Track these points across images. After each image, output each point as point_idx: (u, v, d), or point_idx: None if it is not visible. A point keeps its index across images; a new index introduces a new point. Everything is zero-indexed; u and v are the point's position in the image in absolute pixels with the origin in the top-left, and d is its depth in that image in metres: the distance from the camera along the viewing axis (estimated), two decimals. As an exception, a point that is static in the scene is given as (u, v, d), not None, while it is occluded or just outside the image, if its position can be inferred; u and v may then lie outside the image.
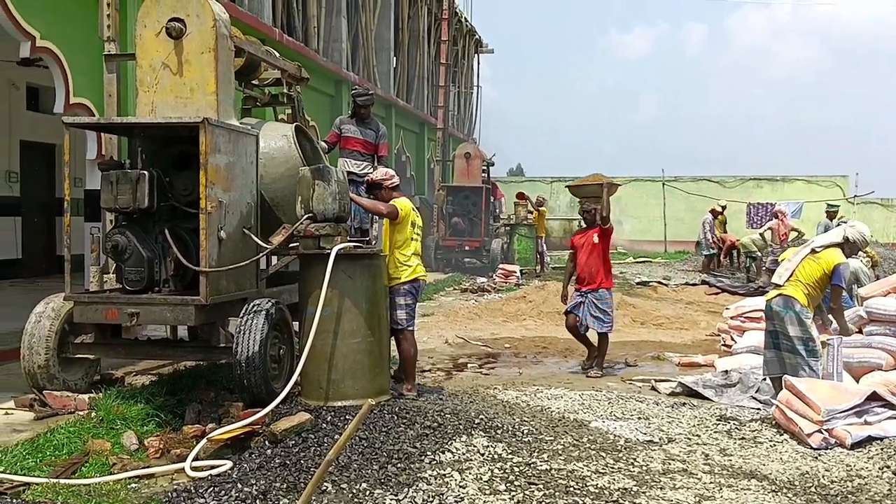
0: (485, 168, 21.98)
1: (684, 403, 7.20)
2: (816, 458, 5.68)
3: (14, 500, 4.54)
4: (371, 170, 8.70)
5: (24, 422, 6.14)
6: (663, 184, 33.03)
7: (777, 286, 7.06)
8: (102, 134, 8.97)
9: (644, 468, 5.28)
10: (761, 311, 9.74)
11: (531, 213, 21.33)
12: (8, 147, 14.49)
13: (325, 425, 5.62)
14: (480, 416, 5.97)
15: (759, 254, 18.95)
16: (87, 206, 9.74)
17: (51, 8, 8.84)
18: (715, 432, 6.29)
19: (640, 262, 26.76)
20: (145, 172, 6.21)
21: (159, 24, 6.36)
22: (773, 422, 6.46)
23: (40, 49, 8.69)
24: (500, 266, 19.05)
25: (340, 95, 18.21)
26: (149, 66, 6.45)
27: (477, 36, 33.68)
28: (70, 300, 6.39)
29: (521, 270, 19.08)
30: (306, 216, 6.50)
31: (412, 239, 6.98)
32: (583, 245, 8.85)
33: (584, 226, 9.27)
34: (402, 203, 7.01)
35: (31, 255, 15.18)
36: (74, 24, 9.19)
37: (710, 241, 20.25)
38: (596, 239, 8.76)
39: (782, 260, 7.34)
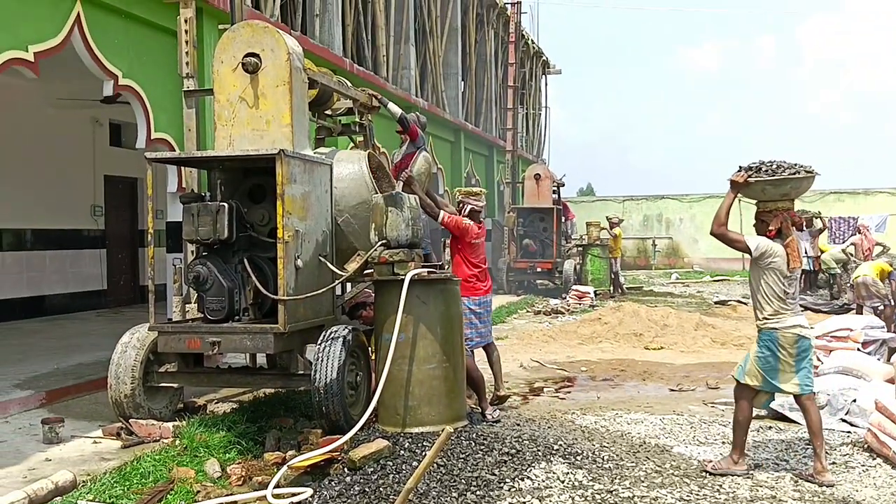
0: (555, 189, 21.88)
1: (770, 427, 6.97)
2: (913, 483, 5.44)
3: (104, 528, 4.65)
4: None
5: (111, 450, 6.30)
6: (739, 200, 32.31)
7: None
8: (183, 167, 9.23)
9: (731, 495, 5.12)
10: (848, 330, 9.44)
11: (610, 236, 20.97)
12: (93, 182, 15.04)
13: (402, 452, 5.62)
14: (559, 442, 5.89)
15: (840, 271, 18.34)
16: (169, 237, 10.03)
17: (132, 47, 9.17)
18: (804, 457, 6.07)
19: (718, 280, 26.18)
20: (225, 204, 6.36)
21: (236, 59, 6.53)
22: (865, 445, 6.22)
23: (123, 87, 9.01)
24: (574, 287, 18.87)
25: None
26: (226, 101, 6.62)
27: (544, 57, 33.66)
28: (154, 330, 6.55)
29: (594, 292, 18.86)
30: (380, 243, 6.56)
31: None
32: None
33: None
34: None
35: (116, 286, 15.68)
36: (155, 62, 9.52)
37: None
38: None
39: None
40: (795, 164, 5.63)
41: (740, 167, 5.73)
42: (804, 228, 20.28)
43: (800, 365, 5.65)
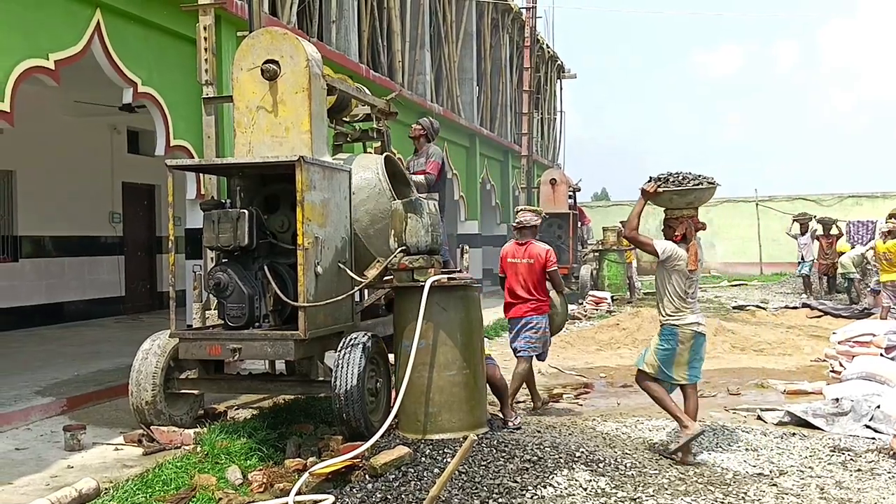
0: (570, 194, 21.80)
1: (794, 434, 6.91)
2: (942, 491, 5.37)
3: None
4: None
5: (133, 457, 6.32)
6: (756, 204, 32.16)
7: None
8: (202, 174, 9.26)
9: (756, 503, 5.07)
10: (871, 335, 9.35)
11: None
12: (111, 189, 15.14)
13: (424, 459, 5.60)
14: (581, 449, 5.85)
15: (858, 275, 18.17)
16: (188, 244, 10.06)
17: (151, 55, 9.22)
18: (829, 464, 6.01)
19: (735, 285, 26.02)
20: (245, 211, 6.37)
21: (255, 66, 6.54)
22: (891, 452, 6.16)
23: (142, 95, 9.06)
24: (591, 293, 18.79)
25: (425, 127, 18.38)
26: (245, 108, 6.63)
27: (559, 62, 33.59)
28: (175, 337, 6.57)
29: (611, 297, 18.78)
30: (400, 249, 6.54)
31: None
32: None
33: None
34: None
35: (134, 293, 15.77)
36: (173, 69, 9.57)
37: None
38: None
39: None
40: (699, 176, 6.17)
41: (650, 178, 6.23)
42: (804, 233, 20.22)
43: (693, 358, 6.28)
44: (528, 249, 7.59)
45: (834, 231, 20.09)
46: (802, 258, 20.42)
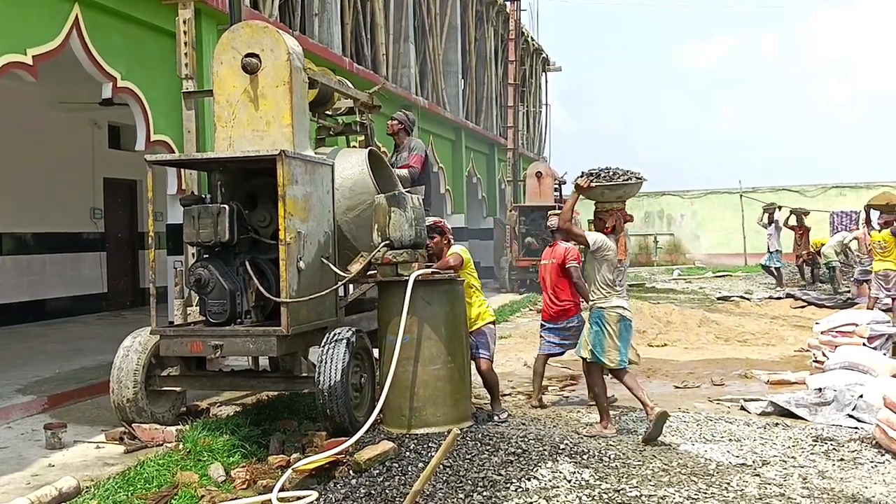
0: (556, 186, 21.82)
1: (777, 424, 6.93)
2: (923, 479, 5.40)
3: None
4: None
5: (114, 455, 6.27)
6: (741, 195, 32.28)
7: None
8: (182, 169, 9.19)
9: (739, 493, 5.08)
10: (854, 325, 9.41)
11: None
12: (92, 184, 15.00)
13: (408, 454, 5.59)
14: (565, 441, 5.86)
15: (838, 263, 18.26)
16: (170, 240, 9.99)
17: (131, 49, 9.13)
18: (811, 454, 6.03)
19: (720, 276, 26.13)
20: (226, 206, 6.32)
21: (235, 60, 6.49)
22: (874, 441, 6.19)
23: (121, 89, 8.97)
24: (576, 285, 18.80)
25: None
26: (226, 102, 6.57)
27: (544, 54, 33.60)
28: (156, 334, 6.51)
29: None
30: (383, 244, 6.51)
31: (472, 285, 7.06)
32: None
33: None
34: (461, 249, 7.06)
35: (116, 289, 15.64)
36: (153, 64, 9.48)
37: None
38: None
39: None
40: (628, 172, 6.50)
41: (583, 173, 6.54)
42: (771, 223, 20.38)
43: (621, 342, 6.56)
44: (554, 250, 7.89)
45: (792, 221, 20.38)
46: (769, 249, 20.60)
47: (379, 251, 6.52)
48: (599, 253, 6.54)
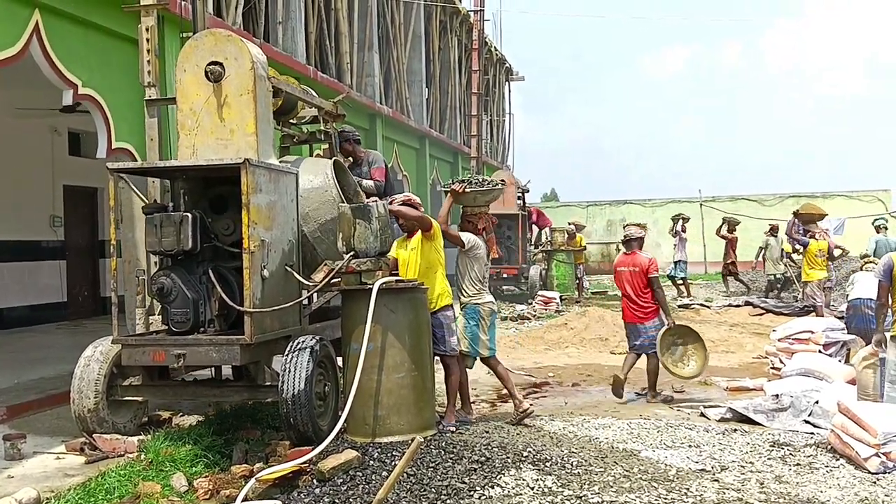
0: (520, 194, 21.94)
1: (735, 430, 7.06)
2: (875, 482, 5.55)
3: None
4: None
5: (74, 466, 6.20)
6: (700, 204, 32.70)
7: None
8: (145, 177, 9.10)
9: (698, 498, 5.18)
10: (810, 332, 9.61)
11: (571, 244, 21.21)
12: (52, 192, 14.79)
13: (372, 462, 5.60)
14: (528, 449, 5.91)
15: (790, 273, 18.55)
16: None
17: (92, 56, 9.04)
18: (769, 459, 6.16)
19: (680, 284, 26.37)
20: (188, 214, 6.29)
21: (199, 68, 6.47)
22: (829, 446, 6.33)
23: (82, 96, 8.88)
24: (540, 293, 18.94)
25: (375, 129, 18.38)
26: (189, 110, 6.56)
27: (507, 64, 33.81)
28: (118, 343, 6.46)
29: (560, 297, 18.95)
30: (349, 255, 6.51)
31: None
32: None
33: None
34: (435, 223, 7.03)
35: (76, 298, 15.44)
36: (115, 71, 9.39)
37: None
38: None
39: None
40: (493, 180, 7.53)
41: (456, 180, 7.42)
42: (678, 233, 20.96)
43: (491, 332, 7.31)
44: (633, 259, 8.61)
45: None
46: (674, 259, 21.12)
47: (344, 262, 6.51)
48: (472, 252, 7.26)
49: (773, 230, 19.79)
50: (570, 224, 22.22)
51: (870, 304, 9.11)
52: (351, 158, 8.74)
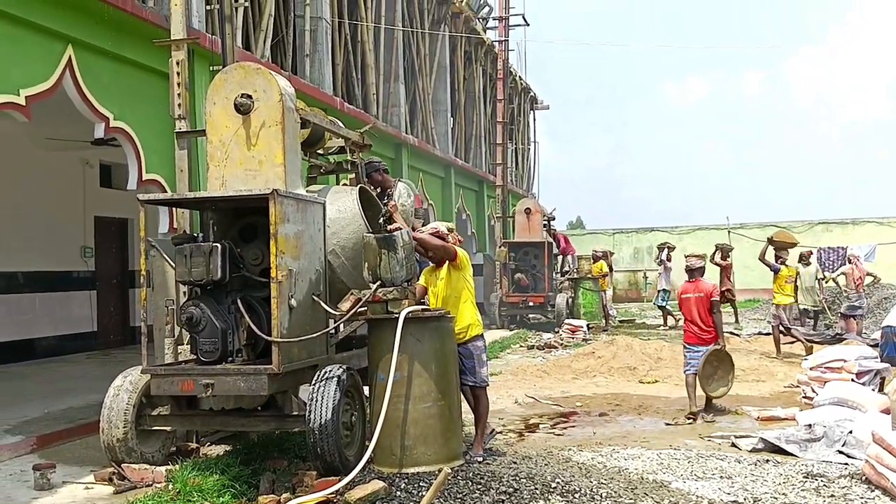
0: (545, 223, 21.95)
1: (767, 460, 6.94)
2: (913, 515, 5.42)
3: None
4: None
5: (103, 496, 6.23)
6: (729, 231, 32.44)
7: None
8: (175, 208, 9.22)
9: (731, 531, 5.09)
10: (843, 360, 9.45)
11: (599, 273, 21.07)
12: (83, 223, 15.01)
13: (399, 493, 5.58)
14: (557, 480, 5.85)
15: (819, 307, 17.72)
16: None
17: (123, 90, 9.21)
18: (802, 490, 6.05)
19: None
20: (217, 245, 6.33)
21: (228, 100, 6.56)
22: (864, 477, 6.20)
23: (114, 129, 9.04)
24: (566, 321, 18.84)
25: (401, 158, 18.53)
26: (219, 142, 6.63)
27: (532, 93, 33.97)
28: (147, 373, 6.50)
29: (587, 325, 18.84)
30: (376, 284, 6.52)
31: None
32: None
33: None
34: (462, 251, 7.05)
35: (106, 328, 15.58)
36: (146, 104, 9.56)
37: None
38: None
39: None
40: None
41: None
42: (663, 262, 20.79)
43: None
44: (698, 286, 9.28)
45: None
46: (658, 288, 20.91)
47: (371, 291, 6.52)
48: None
49: (806, 258, 18.42)
50: (594, 251, 22.14)
51: None
52: (379, 189, 8.79)
